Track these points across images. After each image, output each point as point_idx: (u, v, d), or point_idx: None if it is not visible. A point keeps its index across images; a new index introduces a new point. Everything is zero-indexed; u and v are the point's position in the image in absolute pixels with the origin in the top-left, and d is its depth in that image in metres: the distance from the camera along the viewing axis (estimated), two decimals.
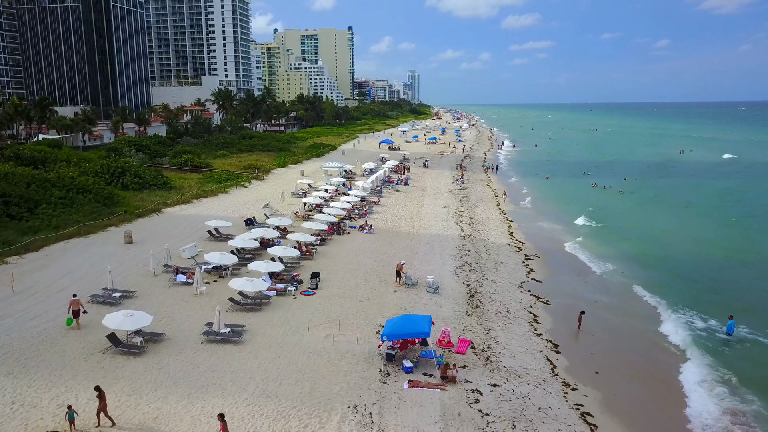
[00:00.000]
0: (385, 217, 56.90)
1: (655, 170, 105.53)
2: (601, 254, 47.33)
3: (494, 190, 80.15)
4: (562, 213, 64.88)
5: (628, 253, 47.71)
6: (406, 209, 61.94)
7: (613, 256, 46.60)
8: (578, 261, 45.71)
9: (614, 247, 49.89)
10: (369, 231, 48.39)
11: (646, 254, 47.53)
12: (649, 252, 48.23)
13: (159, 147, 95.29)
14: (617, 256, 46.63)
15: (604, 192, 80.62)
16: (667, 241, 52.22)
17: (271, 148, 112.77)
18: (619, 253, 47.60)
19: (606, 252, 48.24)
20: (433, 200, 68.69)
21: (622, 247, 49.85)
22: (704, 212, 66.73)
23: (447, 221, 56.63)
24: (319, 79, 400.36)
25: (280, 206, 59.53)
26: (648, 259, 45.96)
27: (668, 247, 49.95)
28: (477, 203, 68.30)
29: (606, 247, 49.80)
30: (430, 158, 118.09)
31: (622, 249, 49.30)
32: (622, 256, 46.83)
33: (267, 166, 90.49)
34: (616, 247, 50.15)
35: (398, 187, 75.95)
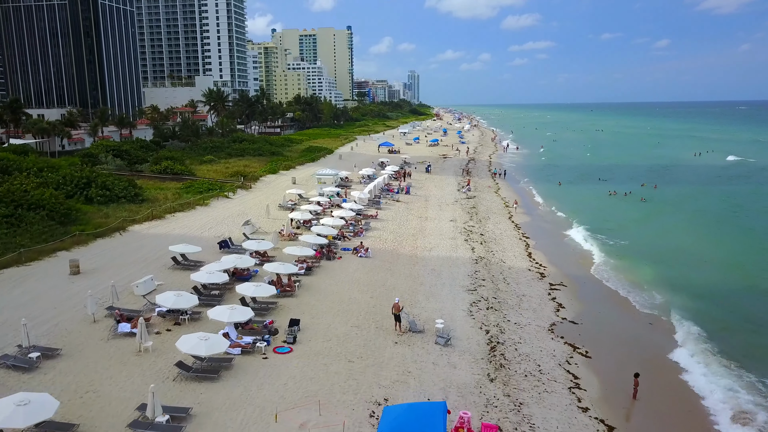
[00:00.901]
0: (383, 234, 49.64)
1: (674, 175, 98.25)
2: (636, 281, 40.14)
3: (504, 198, 72.89)
4: (583, 226, 57.61)
5: (668, 281, 40.41)
6: (408, 224, 54.68)
7: (650, 284, 39.38)
8: (611, 291, 38.50)
9: (650, 272, 42.64)
10: (364, 254, 41.14)
11: (691, 283, 40.20)
12: (696, 280, 40.90)
13: (140, 152, 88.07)
14: (656, 284, 39.38)
15: (625, 200, 73.33)
16: (712, 265, 44.99)
17: (262, 152, 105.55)
18: (657, 281, 40.33)
19: (641, 278, 41.04)
20: (437, 212, 61.46)
21: (660, 273, 42.57)
22: (742, 226, 59.45)
23: (455, 239, 49.37)
24: (318, 79, 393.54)
25: (264, 222, 52.32)
26: (695, 291, 38.66)
27: (716, 274, 42.73)
28: (487, 215, 61.06)
29: (640, 272, 42.57)
30: (432, 162, 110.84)
31: (659, 275, 42.03)
32: (662, 284, 39.54)
33: (256, 172, 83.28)
34: (652, 271, 42.89)
35: (398, 197, 68.73)
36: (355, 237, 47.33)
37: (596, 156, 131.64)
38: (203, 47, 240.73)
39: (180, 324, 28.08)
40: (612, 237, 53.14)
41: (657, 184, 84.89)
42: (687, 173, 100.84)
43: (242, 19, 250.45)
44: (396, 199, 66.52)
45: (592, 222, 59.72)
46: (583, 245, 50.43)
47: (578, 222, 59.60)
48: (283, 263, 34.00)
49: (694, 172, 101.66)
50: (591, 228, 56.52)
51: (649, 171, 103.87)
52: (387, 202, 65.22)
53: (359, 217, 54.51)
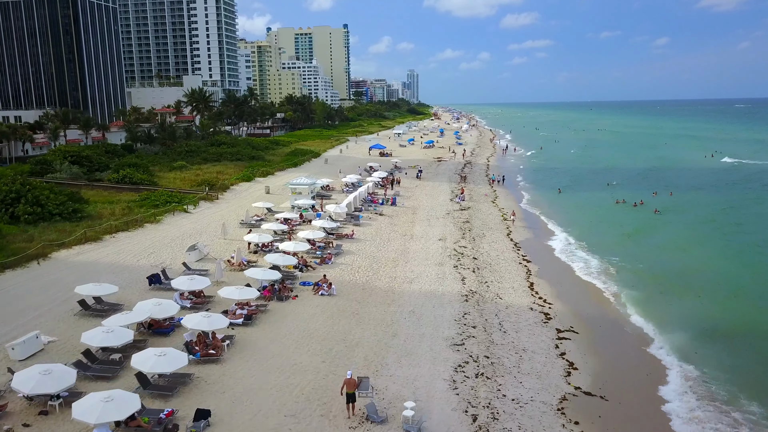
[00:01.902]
0: (357, 260, 41.67)
1: (688, 180, 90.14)
2: (664, 323, 32.24)
3: (502, 209, 64.96)
4: (590, 245, 49.73)
5: (704, 324, 32.57)
6: (389, 245, 46.69)
7: (680, 327, 31.53)
8: (636, 337, 30.61)
9: (678, 310, 34.80)
10: (327, 292, 33.18)
11: (732, 327, 32.37)
12: (737, 323, 33.04)
13: (104, 158, 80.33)
14: (687, 328, 31.53)
15: (636, 212, 65.34)
16: (756, 297, 37.09)
17: (241, 156, 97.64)
18: (688, 323, 32.45)
19: (669, 317, 33.21)
20: (426, 228, 53.49)
21: (691, 310, 34.71)
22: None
23: (443, 265, 41.43)
24: (314, 78, 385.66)
25: (219, 245, 44.41)
26: (739, 341, 30.81)
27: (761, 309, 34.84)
28: (482, 231, 53.10)
29: (667, 309, 34.74)
30: (425, 166, 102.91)
31: (691, 313, 34.17)
32: (697, 329, 31.69)
33: (228, 180, 75.38)
34: (681, 308, 35.03)
35: (383, 209, 60.78)
36: (322, 264, 39.39)
37: (599, 158, 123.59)
38: (192, 46, 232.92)
39: (48, 413, 20.18)
40: (626, 260, 45.19)
41: (672, 191, 76.83)
42: (702, 177, 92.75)
43: (232, 17, 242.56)
44: (379, 212, 58.53)
45: (601, 240, 51.82)
46: (593, 271, 42.45)
47: (585, 240, 51.65)
48: (211, 315, 25.92)
49: (711, 177, 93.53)
50: (600, 248, 48.57)
51: (659, 175, 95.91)
52: (369, 216, 57.24)
53: (331, 238, 46.55)
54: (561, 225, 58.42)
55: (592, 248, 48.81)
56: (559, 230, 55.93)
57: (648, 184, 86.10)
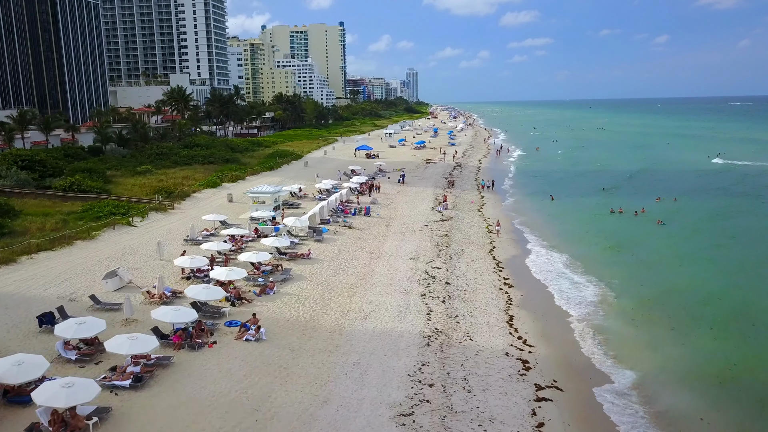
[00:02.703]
0: (307, 288, 35.44)
1: (692, 183, 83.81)
2: (673, 377, 26.13)
3: (488, 219, 58.75)
4: (585, 263, 43.62)
5: (726, 381, 26.41)
6: (351, 267, 40.44)
7: (695, 383, 25.39)
8: (636, 403, 24.45)
9: (691, 356, 28.64)
10: (254, 337, 26.94)
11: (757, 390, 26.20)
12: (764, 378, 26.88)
13: (62, 162, 74.18)
14: (703, 384, 25.41)
15: (636, 222, 59.15)
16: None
17: (214, 159, 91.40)
18: (705, 374, 26.33)
19: (681, 368, 27.09)
20: (398, 244, 47.27)
21: (708, 357, 28.55)
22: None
23: (408, 293, 35.22)
24: (309, 77, 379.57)
25: (152, 268, 38.21)
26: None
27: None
28: (461, 247, 46.88)
29: (679, 356, 28.59)
30: (412, 169, 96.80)
31: (709, 361, 28.02)
32: (716, 386, 25.55)
33: (191, 186, 69.21)
34: (695, 354, 28.88)
35: (354, 220, 54.55)
36: (262, 295, 33.14)
37: (597, 159, 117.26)
38: (180, 43, 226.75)
39: None
40: (628, 284, 39.02)
41: (676, 197, 70.52)
42: (707, 181, 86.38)
43: (222, 13, 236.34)
44: (349, 225, 52.23)
45: (598, 259, 45.68)
46: (588, 300, 36.23)
47: (580, 258, 45.48)
48: (71, 383, 19.61)
49: (719, 180, 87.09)
50: (597, 269, 42.42)
51: (661, 178, 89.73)
52: (336, 229, 50.97)
53: (283, 259, 40.30)
54: (552, 239, 52.16)
55: (587, 269, 42.61)
56: (550, 246, 49.63)
57: (650, 188, 79.87)
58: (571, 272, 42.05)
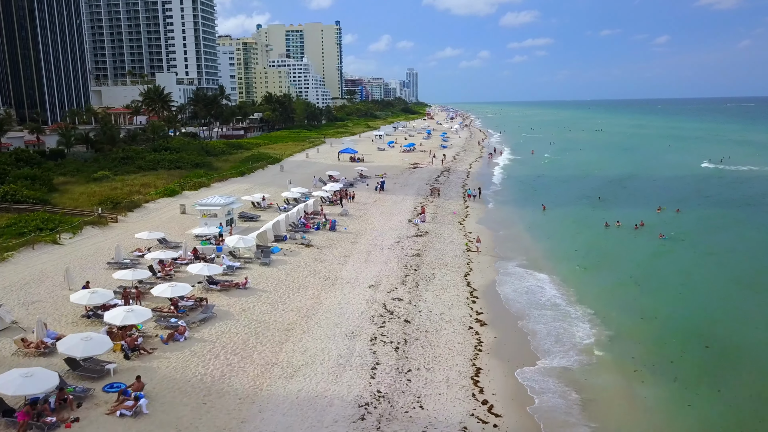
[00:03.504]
0: (232, 329, 29.03)
1: (696, 191, 77.40)
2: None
3: (468, 234, 52.35)
4: (578, 290, 37.38)
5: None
6: (295, 299, 33.99)
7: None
8: None
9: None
10: (131, 410, 20.51)
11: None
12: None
13: (8, 168, 67.78)
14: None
15: (636, 237, 52.75)
16: None
17: (182, 163, 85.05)
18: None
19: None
20: (359, 267, 40.87)
21: None
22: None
23: (356, 336, 28.85)
24: (304, 77, 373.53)
25: (57, 301, 31.81)
26: None
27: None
28: (432, 271, 40.47)
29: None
30: (396, 174, 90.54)
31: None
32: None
33: (147, 195, 62.88)
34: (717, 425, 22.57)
35: (315, 237, 48.13)
36: (170, 342, 26.73)
37: (595, 163, 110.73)
38: (167, 42, 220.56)
39: None
40: (628, 320, 32.71)
41: (679, 208, 64.06)
42: (712, 188, 79.96)
43: (211, 11, 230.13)
44: (307, 243, 45.76)
45: (593, 285, 39.31)
46: (578, 347, 29.78)
47: (572, 284, 39.16)
48: None
49: (723, 187, 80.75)
50: (591, 300, 36.05)
51: (663, 184, 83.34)
52: (292, 247, 44.56)
53: (214, 289, 33.86)
54: (540, 259, 45.81)
55: (580, 297, 36.31)
56: (537, 267, 43.23)
57: (650, 196, 73.54)
58: (559, 302, 35.68)
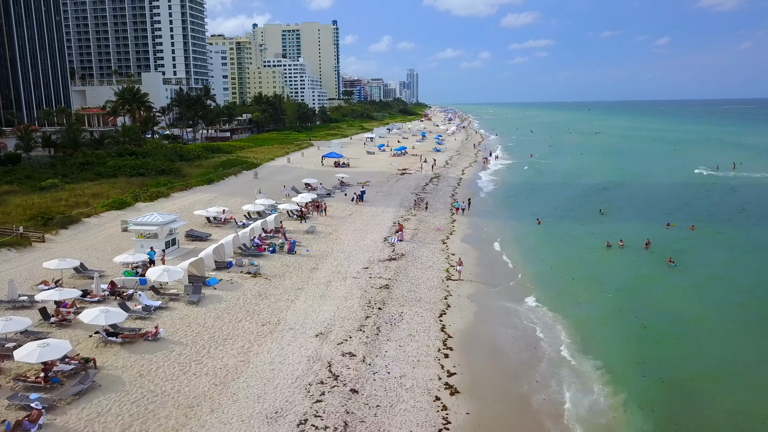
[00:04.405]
0: (114, 408, 21.84)
1: (708, 202, 70.13)
2: None
3: (451, 257, 45.17)
4: (573, 329, 30.26)
5: None
6: (213, 357, 26.65)
7: None
8: None
9: None
10: None
11: None
12: None
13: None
14: None
15: (643, 261, 45.50)
16: None
17: (146, 170, 77.90)
18: None
19: None
20: (311, 305, 33.67)
21: None
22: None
23: (278, 418, 21.65)
24: (300, 77, 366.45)
25: None
26: None
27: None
28: (400, 310, 33.22)
29: None
30: (382, 181, 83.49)
31: None
32: None
33: (94, 207, 55.74)
34: None
35: (267, 262, 40.93)
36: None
37: (597, 170, 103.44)
38: (154, 40, 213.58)
39: None
40: (640, 384, 25.54)
41: (694, 223, 56.77)
42: (726, 199, 72.71)
43: (200, 8, 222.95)
44: (254, 272, 38.47)
45: (596, 329, 32.12)
46: (578, 411, 22.69)
47: (567, 323, 32.07)
48: None
49: (738, 198, 73.47)
50: (595, 349, 28.95)
51: (670, 194, 76.12)
52: (234, 277, 37.34)
53: (114, 342, 26.59)
54: (534, 288, 38.63)
55: (580, 349, 29.16)
56: (528, 304, 36.07)
57: (657, 208, 66.52)
58: (551, 353, 28.55)
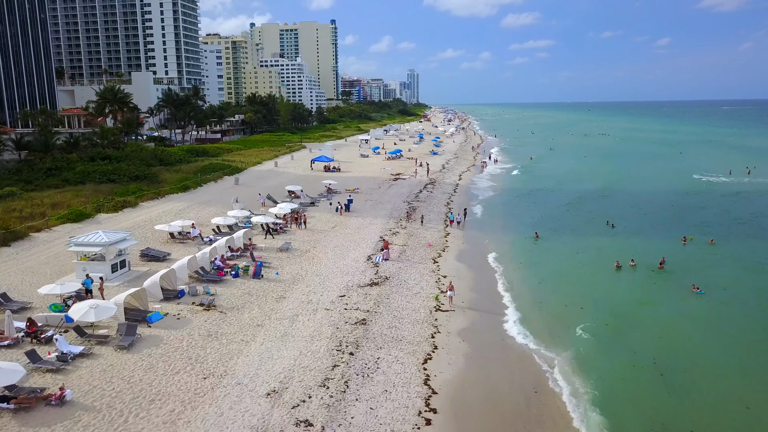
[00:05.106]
0: None
1: (729, 214, 64.02)
2: None
3: (440, 280, 39.61)
4: (578, 379, 24.68)
5: None
6: (128, 430, 21.25)
7: None
8: None
9: None
10: None
11: None
12: None
13: None
14: None
15: (657, 285, 39.87)
16: None
17: (118, 176, 72.38)
18: None
19: None
20: (269, 349, 28.04)
21: None
22: None
23: None
24: (297, 77, 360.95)
25: None
26: None
27: None
28: (377, 356, 27.61)
29: None
30: (373, 188, 77.97)
31: None
32: None
33: (49, 219, 50.16)
34: None
35: (225, 289, 35.31)
36: None
37: (602, 175, 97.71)
38: (146, 39, 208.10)
39: None
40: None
41: (713, 238, 51.03)
42: (746, 207, 67.06)
43: (193, 6, 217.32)
44: (207, 304, 32.76)
45: (595, 368, 26.57)
46: None
47: (575, 369, 26.50)
48: None
49: (759, 205, 67.82)
50: (596, 398, 23.43)
51: (683, 202, 70.51)
52: (184, 310, 31.73)
53: (6, 410, 20.96)
54: (532, 323, 32.96)
55: (590, 403, 23.57)
56: (527, 342, 30.46)
57: (670, 218, 61.11)
58: (566, 405, 22.96)
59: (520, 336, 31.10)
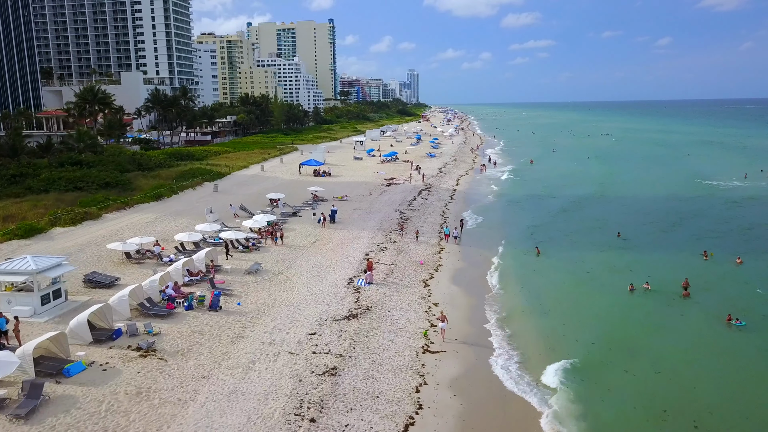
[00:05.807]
0: None
1: (752, 224, 58.09)
2: None
3: (431, 308, 34.06)
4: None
5: None
6: None
7: None
8: None
9: None
10: None
11: None
12: None
13: None
14: None
15: (681, 315, 34.21)
16: None
17: (87, 183, 66.74)
18: None
19: None
20: (208, 413, 22.44)
21: None
22: None
23: None
24: (294, 77, 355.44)
25: None
26: None
27: None
28: (345, 422, 22.09)
29: None
30: (364, 194, 72.49)
31: None
32: None
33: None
34: None
35: (172, 326, 29.71)
36: None
37: (608, 179, 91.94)
38: (135, 38, 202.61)
39: None
40: None
41: (740, 255, 45.26)
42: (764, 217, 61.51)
43: (185, 5, 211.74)
44: (146, 347, 27.08)
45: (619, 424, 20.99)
46: None
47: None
48: None
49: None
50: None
51: (699, 209, 64.84)
52: (115, 357, 26.13)
53: None
54: (538, 363, 27.41)
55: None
56: (535, 393, 24.90)
57: (687, 229, 55.46)
58: None
59: (524, 386, 25.52)
